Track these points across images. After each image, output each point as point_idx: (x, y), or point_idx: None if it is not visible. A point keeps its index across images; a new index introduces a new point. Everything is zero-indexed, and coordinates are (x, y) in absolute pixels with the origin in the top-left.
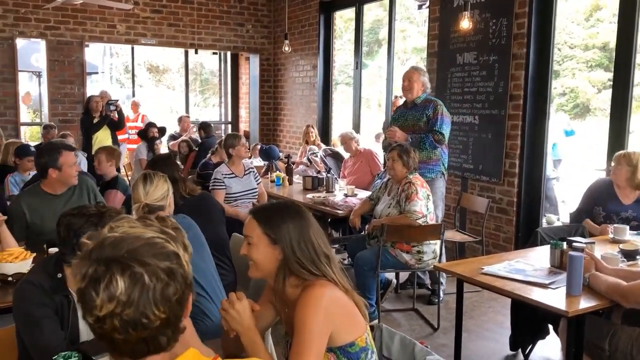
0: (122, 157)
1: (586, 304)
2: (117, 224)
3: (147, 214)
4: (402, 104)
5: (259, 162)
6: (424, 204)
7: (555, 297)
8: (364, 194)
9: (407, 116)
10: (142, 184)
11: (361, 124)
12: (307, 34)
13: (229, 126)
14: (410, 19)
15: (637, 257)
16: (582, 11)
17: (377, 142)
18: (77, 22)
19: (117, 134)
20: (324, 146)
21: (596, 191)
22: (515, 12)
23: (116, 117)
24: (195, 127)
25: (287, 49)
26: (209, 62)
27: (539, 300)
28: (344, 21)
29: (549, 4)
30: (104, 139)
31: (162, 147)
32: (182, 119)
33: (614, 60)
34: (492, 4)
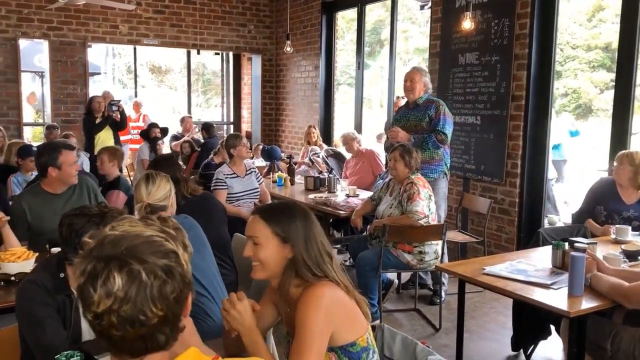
0: (124, 158)
1: (588, 304)
2: (119, 224)
3: (150, 214)
4: (404, 104)
5: (260, 162)
6: (426, 205)
7: (557, 298)
8: (366, 195)
9: (409, 117)
10: (145, 184)
11: (363, 125)
12: (309, 35)
13: (231, 126)
14: (412, 20)
15: (639, 258)
16: (585, 12)
17: (378, 143)
18: (80, 23)
19: (120, 135)
20: (326, 146)
21: (598, 191)
22: (517, 12)
23: (118, 118)
24: (197, 127)
25: (289, 49)
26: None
27: (541, 300)
28: (346, 21)
29: (551, 5)
30: (106, 140)
31: (165, 148)
32: (184, 119)
33: (617, 60)
34: (494, 5)
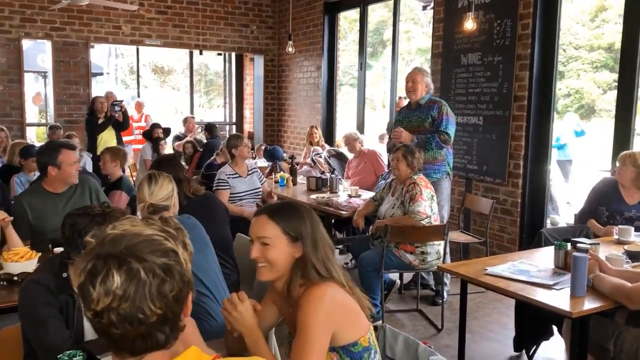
0: (128, 158)
1: (590, 305)
2: (120, 223)
3: (152, 214)
4: (405, 105)
5: (263, 162)
6: (428, 205)
7: (559, 298)
8: (368, 195)
9: (411, 117)
10: (147, 184)
11: (365, 125)
12: (312, 35)
13: (234, 127)
14: (414, 20)
15: None
16: (588, 12)
17: (381, 143)
18: (83, 24)
19: (124, 135)
20: (328, 147)
21: (600, 191)
22: (519, 12)
23: (121, 118)
24: (200, 127)
25: (290, 49)
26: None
27: (543, 301)
28: (348, 22)
29: (554, 5)
30: (108, 140)
31: (167, 148)
32: (187, 119)
33: (619, 61)
34: (497, 5)
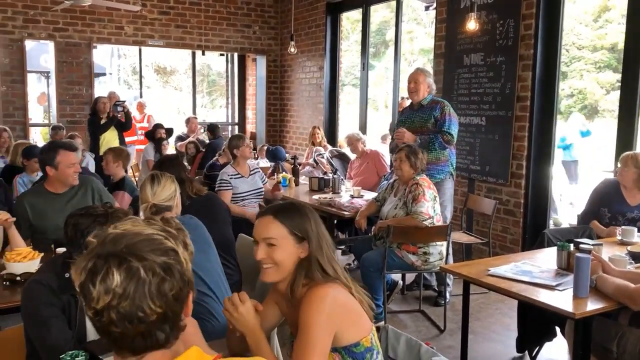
0: (131, 159)
1: (593, 305)
2: (122, 223)
3: (155, 214)
4: (408, 105)
5: (265, 163)
6: (431, 205)
7: (562, 299)
8: (370, 195)
9: (413, 118)
10: (150, 185)
11: (368, 125)
12: (314, 35)
13: (236, 127)
14: (417, 20)
15: None
16: (591, 12)
17: (383, 144)
18: (85, 24)
19: (126, 136)
20: (330, 147)
21: (602, 192)
22: (522, 13)
23: (123, 118)
24: (202, 128)
25: (293, 50)
26: (216, 63)
27: (546, 302)
28: (350, 22)
29: (557, 5)
30: (111, 140)
31: (170, 148)
32: (189, 120)
33: (623, 61)
34: (499, 5)
